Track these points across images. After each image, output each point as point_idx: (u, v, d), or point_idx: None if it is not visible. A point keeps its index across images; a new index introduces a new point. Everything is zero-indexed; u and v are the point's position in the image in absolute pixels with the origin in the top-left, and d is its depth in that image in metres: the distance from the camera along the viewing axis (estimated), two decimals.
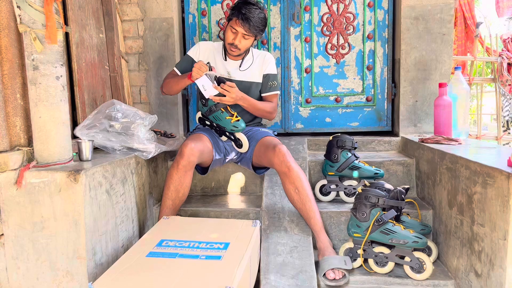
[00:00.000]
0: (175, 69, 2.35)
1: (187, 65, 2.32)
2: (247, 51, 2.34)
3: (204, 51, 2.35)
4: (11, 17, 1.60)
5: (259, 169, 2.28)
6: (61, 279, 1.57)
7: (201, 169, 2.24)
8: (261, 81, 2.34)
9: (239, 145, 2.24)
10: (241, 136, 2.21)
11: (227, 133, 2.23)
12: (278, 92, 2.40)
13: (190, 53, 2.36)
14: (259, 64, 2.36)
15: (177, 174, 1.98)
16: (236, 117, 2.16)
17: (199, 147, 2.03)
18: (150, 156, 2.00)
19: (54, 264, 1.56)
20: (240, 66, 2.33)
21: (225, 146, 2.27)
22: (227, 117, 2.15)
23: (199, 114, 2.33)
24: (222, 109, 2.15)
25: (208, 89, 2.09)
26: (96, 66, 2.26)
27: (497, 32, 3.75)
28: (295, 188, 1.94)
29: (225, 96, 2.07)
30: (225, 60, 2.34)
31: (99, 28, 2.34)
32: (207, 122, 2.29)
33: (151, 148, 2.00)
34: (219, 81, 2.08)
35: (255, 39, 2.24)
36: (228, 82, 2.07)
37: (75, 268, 1.55)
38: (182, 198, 2.02)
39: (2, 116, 1.59)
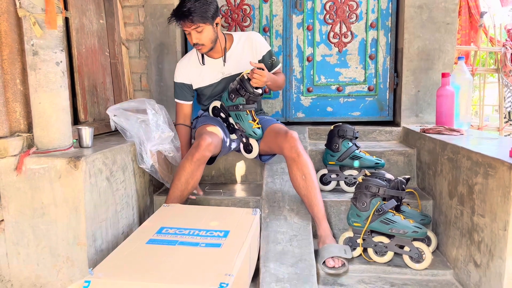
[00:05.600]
0: (177, 101, 2.30)
1: (183, 92, 2.28)
2: (225, 40, 2.22)
3: (183, 71, 2.27)
4: (11, 1, 1.58)
5: (263, 156, 2.28)
6: (61, 264, 1.57)
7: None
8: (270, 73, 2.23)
9: (249, 150, 2.21)
10: (254, 142, 2.18)
11: (241, 134, 2.20)
12: (280, 64, 2.34)
13: (179, 79, 2.28)
14: (248, 48, 2.24)
15: (190, 167, 1.95)
16: (258, 123, 2.13)
17: (215, 142, 2.01)
18: (142, 166, 1.99)
19: (54, 250, 1.57)
20: (224, 62, 2.23)
21: (230, 136, 2.25)
22: (250, 121, 2.11)
23: (215, 104, 2.25)
24: (248, 111, 2.10)
25: None
26: (96, 52, 2.24)
27: (501, 22, 3.71)
28: (302, 175, 1.94)
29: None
30: (203, 64, 2.24)
31: (100, 14, 2.32)
32: (222, 115, 2.23)
33: (146, 165, 2.00)
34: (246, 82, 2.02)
35: (214, 25, 2.09)
36: (255, 70, 1.96)
37: (76, 254, 1.56)
38: (190, 190, 2.01)
39: (2, 102, 1.59)
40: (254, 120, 2.13)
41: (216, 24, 2.11)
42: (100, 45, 2.30)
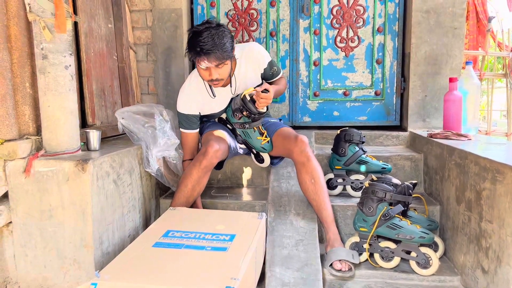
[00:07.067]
0: (183, 131, 2.13)
1: (190, 122, 2.11)
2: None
3: (192, 103, 2.10)
4: (21, 5, 1.60)
5: (273, 160, 2.28)
6: (68, 267, 1.58)
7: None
8: (260, 78, 2.17)
9: (260, 160, 2.22)
10: (264, 155, 2.19)
11: (249, 146, 2.20)
12: (282, 71, 2.26)
13: (180, 109, 2.10)
14: (250, 65, 2.10)
15: (197, 174, 1.94)
16: (266, 137, 2.11)
17: (223, 149, 2.01)
18: (148, 170, 1.99)
19: (61, 252, 1.58)
20: (232, 88, 2.10)
21: (237, 143, 2.24)
22: (258, 137, 2.10)
23: (221, 116, 2.24)
24: (254, 127, 2.08)
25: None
26: (104, 56, 2.26)
27: (509, 27, 3.69)
28: (311, 179, 1.94)
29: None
30: (214, 97, 2.08)
31: (108, 18, 2.34)
32: (229, 126, 2.22)
33: (151, 169, 2.00)
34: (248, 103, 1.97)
35: (231, 60, 1.93)
36: (261, 94, 1.88)
37: (82, 256, 1.56)
38: (196, 196, 2.01)
39: (11, 105, 1.60)
40: (262, 134, 2.11)
41: (232, 59, 1.96)
42: (108, 49, 2.32)
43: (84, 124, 2.07)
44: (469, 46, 3.50)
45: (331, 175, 2.27)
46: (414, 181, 1.89)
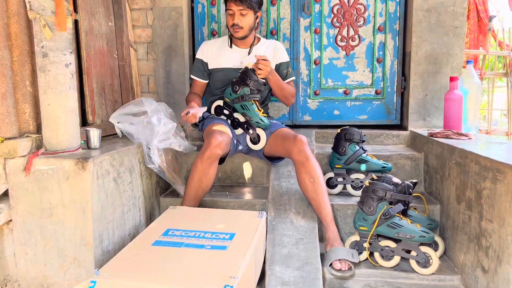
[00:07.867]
0: (192, 77, 2.43)
1: (198, 68, 2.41)
2: (254, 38, 2.37)
3: (208, 49, 2.41)
4: (21, 4, 1.60)
5: (272, 159, 2.29)
6: (68, 265, 1.58)
7: None
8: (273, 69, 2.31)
9: (255, 141, 2.23)
10: (261, 132, 2.20)
11: (246, 126, 2.22)
12: (294, 78, 2.45)
13: (199, 55, 2.42)
14: (270, 52, 2.37)
15: (202, 165, 1.97)
16: (263, 113, 2.19)
17: (226, 140, 2.03)
18: (150, 166, 2.01)
19: (61, 250, 1.58)
20: (249, 54, 2.35)
21: (237, 137, 2.27)
22: (256, 110, 2.15)
23: (218, 103, 2.30)
24: (252, 100, 2.15)
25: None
26: (105, 54, 2.26)
27: (510, 26, 3.69)
28: (310, 178, 1.95)
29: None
30: (231, 47, 2.37)
31: (108, 16, 2.34)
32: (226, 112, 2.27)
33: (153, 165, 2.02)
34: (249, 73, 2.10)
35: (255, 16, 2.25)
36: (260, 60, 2.10)
37: (82, 255, 1.57)
38: (205, 188, 2.02)
39: (12, 103, 1.60)
40: (259, 110, 2.17)
41: (257, 17, 2.28)
42: (109, 47, 2.32)
43: (84, 122, 2.07)
44: (470, 45, 3.50)
45: (331, 174, 2.27)
46: (414, 180, 1.89)
